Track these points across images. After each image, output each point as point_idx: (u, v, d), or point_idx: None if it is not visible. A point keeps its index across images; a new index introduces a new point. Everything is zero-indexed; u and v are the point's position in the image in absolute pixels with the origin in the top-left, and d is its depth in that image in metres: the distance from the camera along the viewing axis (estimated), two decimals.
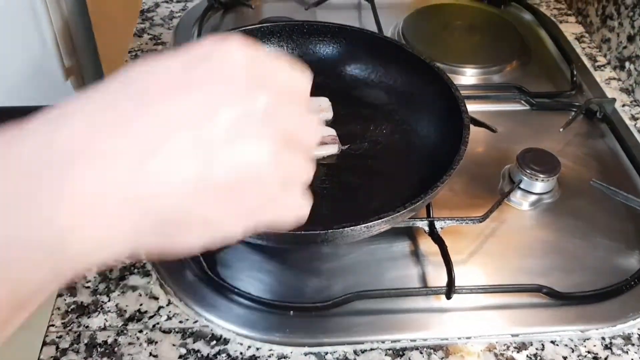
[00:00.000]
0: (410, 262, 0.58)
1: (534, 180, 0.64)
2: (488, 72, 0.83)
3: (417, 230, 0.60)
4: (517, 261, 0.59)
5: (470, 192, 0.65)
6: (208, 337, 0.51)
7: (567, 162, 0.68)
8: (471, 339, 0.52)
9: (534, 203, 0.64)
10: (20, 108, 0.62)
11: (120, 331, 0.51)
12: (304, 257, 0.58)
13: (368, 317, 0.53)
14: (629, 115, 0.78)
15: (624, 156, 0.70)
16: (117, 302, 0.54)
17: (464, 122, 0.57)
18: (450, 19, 0.93)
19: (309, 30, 0.71)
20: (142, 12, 0.94)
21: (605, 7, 0.88)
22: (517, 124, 0.75)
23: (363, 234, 0.51)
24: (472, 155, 0.67)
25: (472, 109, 0.64)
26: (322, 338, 0.52)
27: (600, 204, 0.64)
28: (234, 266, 0.57)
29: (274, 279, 0.56)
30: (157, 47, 0.86)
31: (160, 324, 0.52)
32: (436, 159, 0.59)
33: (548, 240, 0.61)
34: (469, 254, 0.59)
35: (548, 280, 0.56)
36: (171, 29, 0.89)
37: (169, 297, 0.54)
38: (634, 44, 0.80)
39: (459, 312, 0.54)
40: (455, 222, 0.58)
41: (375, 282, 0.56)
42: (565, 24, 0.95)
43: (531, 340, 0.53)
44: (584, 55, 0.88)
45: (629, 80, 0.82)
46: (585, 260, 0.59)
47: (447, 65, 0.81)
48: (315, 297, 0.54)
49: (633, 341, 0.53)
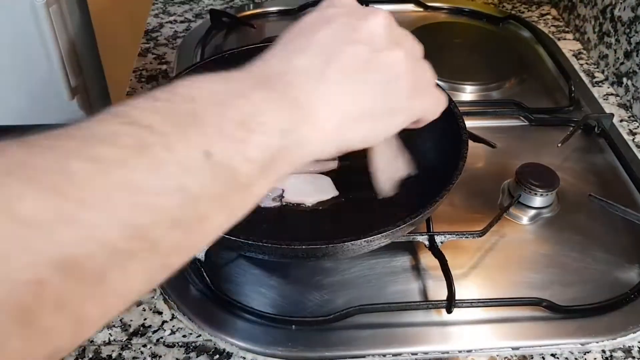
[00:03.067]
0: (410, 276, 0.59)
1: (533, 194, 0.64)
2: (487, 89, 0.84)
3: (417, 244, 0.60)
4: (517, 275, 0.60)
5: (470, 206, 0.66)
6: (211, 351, 0.52)
7: (565, 177, 0.68)
8: (472, 353, 0.53)
9: (533, 217, 0.65)
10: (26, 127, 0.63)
11: (125, 345, 0.52)
12: (306, 271, 0.58)
13: (369, 331, 0.54)
14: (627, 130, 0.79)
15: (622, 171, 0.71)
16: (122, 317, 0.54)
17: (463, 138, 0.58)
18: (449, 37, 0.94)
19: None
20: (146, 32, 0.95)
21: (602, 24, 0.89)
22: (516, 140, 0.76)
23: (363, 248, 0.51)
24: (472, 170, 0.68)
25: (471, 125, 0.65)
26: (324, 352, 0.52)
27: (599, 218, 0.65)
28: (236, 281, 0.57)
29: (276, 294, 0.56)
30: (161, 67, 0.87)
31: (164, 338, 0.53)
32: (436, 175, 0.59)
33: (548, 254, 0.62)
34: (469, 268, 0.60)
35: (548, 294, 0.56)
36: (175, 48, 0.91)
37: (173, 312, 0.55)
38: (630, 60, 0.82)
39: (460, 325, 0.55)
40: (455, 236, 0.59)
41: (376, 296, 0.56)
42: (563, 40, 0.97)
43: (532, 353, 0.53)
44: (581, 72, 0.89)
45: (627, 95, 0.83)
46: (584, 274, 0.60)
47: (446, 82, 0.83)
48: (317, 311, 0.55)
49: (634, 354, 0.53)
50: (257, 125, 0.30)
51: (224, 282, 0.57)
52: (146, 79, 0.85)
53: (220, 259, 0.59)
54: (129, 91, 0.82)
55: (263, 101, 0.31)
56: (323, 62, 0.34)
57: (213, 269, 0.57)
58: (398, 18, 0.39)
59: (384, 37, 0.37)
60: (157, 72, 0.86)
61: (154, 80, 0.85)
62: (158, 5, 1.02)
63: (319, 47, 0.35)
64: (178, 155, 0.26)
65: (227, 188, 0.28)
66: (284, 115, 0.31)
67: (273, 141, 0.30)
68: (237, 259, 0.59)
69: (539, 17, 1.03)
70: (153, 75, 0.86)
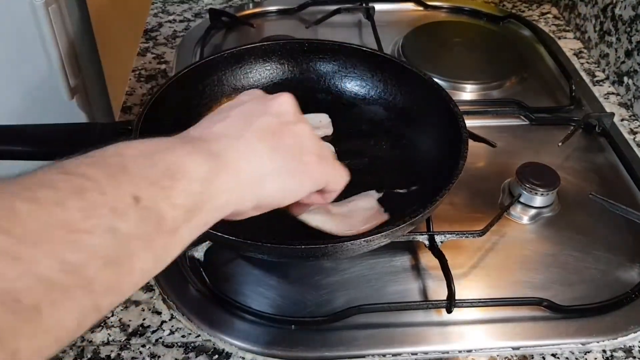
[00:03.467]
0: (410, 276, 0.58)
1: (534, 194, 0.64)
2: (487, 88, 0.84)
3: (417, 244, 0.60)
4: (517, 274, 0.59)
5: (470, 206, 0.66)
6: (210, 351, 0.52)
7: (566, 176, 0.68)
8: (472, 352, 0.53)
9: (533, 217, 0.65)
10: (26, 127, 0.63)
11: (124, 346, 0.52)
12: (305, 271, 0.58)
13: (369, 330, 0.53)
14: (628, 129, 0.78)
15: (623, 170, 0.71)
16: (121, 317, 0.54)
17: (463, 137, 0.58)
18: (449, 36, 0.94)
19: (310, 48, 0.72)
20: (145, 32, 0.95)
21: (603, 23, 0.89)
22: (516, 139, 0.76)
23: (363, 248, 0.51)
24: (472, 169, 0.68)
25: (472, 124, 0.64)
26: (324, 352, 0.52)
27: (600, 217, 0.65)
28: (236, 281, 0.57)
29: (275, 294, 0.56)
30: (160, 66, 0.87)
31: (163, 338, 0.53)
32: (435, 174, 0.59)
33: (548, 254, 0.61)
34: (469, 268, 0.59)
35: (548, 294, 0.56)
36: (174, 48, 0.91)
37: (172, 312, 0.55)
38: (631, 59, 0.81)
39: (460, 325, 0.54)
40: (455, 236, 0.59)
41: (376, 296, 0.56)
42: (563, 39, 0.97)
43: (532, 353, 0.53)
44: (582, 71, 0.89)
45: (628, 94, 0.82)
46: (585, 273, 0.59)
47: (447, 81, 0.82)
48: (317, 311, 0.55)
49: (634, 354, 0.53)
50: (181, 175, 0.33)
51: (223, 282, 0.57)
52: (145, 79, 0.85)
53: (219, 259, 0.59)
54: (128, 91, 0.82)
55: (187, 154, 0.35)
56: (240, 127, 0.40)
57: (212, 269, 0.57)
58: (398, 17, 0.39)
59: (291, 113, 0.43)
60: (156, 71, 0.86)
61: (153, 79, 0.84)
62: (157, 4, 1.02)
63: (236, 117, 0.41)
64: (110, 198, 0.29)
65: (155, 230, 0.31)
66: (204, 166, 0.35)
67: (195, 189, 0.34)
68: (237, 259, 0.59)
69: (539, 16, 1.03)
70: (152, 74, 0.85)
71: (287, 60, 0.72)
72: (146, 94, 0.81)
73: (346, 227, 0.52)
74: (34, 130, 0.63)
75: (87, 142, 0.50)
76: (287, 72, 0.72)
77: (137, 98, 0.81)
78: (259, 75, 0.72)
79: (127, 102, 0.80)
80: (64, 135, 0.62)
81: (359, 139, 0.68)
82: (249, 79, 0.71)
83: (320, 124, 0.68)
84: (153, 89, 0.82)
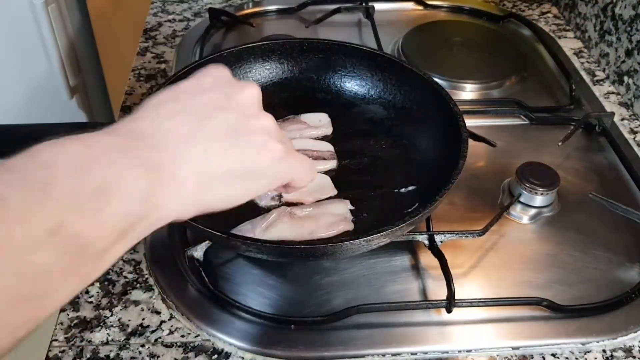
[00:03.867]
0: (410, 276, 0.58)
1: (534, 193, 0.64)
2: (487, 87, 0.84)
3: (417, 244, 0.60)
4: (517, 274, 0.59)
5: (470, 206, 0.66)
6: (209, 351, 0.52)
7: (566, 176, 0.68)
8: (472, 352, 0.53)
9: (533, 216, 0.65)
10: (25, 126, 0.63)
11: (123, 345, 0.52)
12: (305, 271, 0.58)
13: (368, 330, 0.53)
14: (628, 129, 0.78)
15: (623, 169, 0.70)
16: (120, 317, 0.54)
17: (462, 137, 0.58)
18: (449, 36, 0.94)
19: (309, 47, 0.72)
20: (145, 31, 0.95)
21: (603, 22, 0.89)
22: (516, 138, 0.75)
23: (362, 247, 0.51)
24: (472, 169, 0.68)
25: (471, 123, 0.64)
26: (323, 352, 0.52)
27: (600, 217, 0.65)
28: (235, 280, 0.57)
29: (274, 293, 0.56)
30: (160, 66, 0.87)
31: (162, 338, 0.53)
32: (435, 173, 0.59)
33: (548, 254, 0.61)
34: (469, 268, 0.59)
35: (548, 293, 0.56)
36: (174, 47, 0.91)
37: (171, 312, 0.55)
38: (632, 58, 0.81)
39: (460, 325, 0.54)
40: (455, 235, 0.58)
41: (376, 296, 0.56)
42: (563, 39, 0.96)
43: (532, 353, 0.53)
44: (582, 70, 0.89)
45: (628, 94, 0.82)
46: (585, 273, 0.59)
47: (447, 81, 0.82)
48: (316, 311, 0.55)
49: (634, 354, 0.53)
50: (115, 192, 0.30)
51: (223, 281, 0.57)
52: (145, 78, 0.85)
53: (218, 259, 0.58)
54: (128, 90, 0.82)
55: (124, 167, 0.32)
56: (194, 126, 0.37)
57: (211, 269, 0.57)
58: (398, 16, 0.39)
59: (255, 107, 0.41)
60: (155, 71, 0.86)
61: (152, 79, 0.84)
62: (157, 4, 1.02)
63: (192, 112, 0.37)
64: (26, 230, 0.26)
65: (78, 260, 0.29)
66: (143, 182, 0.32)
67: (130, 208, 0.31)
68: (236, 259, 0.59)
69: (539, 16, 1.03)
70: (152, 74, 0.85)
71: (287, 60, 0.72)
72: (146, 94, 0.81)
73: (306, 232, 0.53)
74: (34, 129, 0.62)
75: None
76: (286, 71, 0.72)
77: (136, 97, 0.81)
78: (259, 74, 0.71)
79: (126, 102, 0.80)
80: (63, 135, 0.62)
81: (358, 138, 0.68)
82: (248, 78, 0.71)
83: (319, 124, 0.68)
84: (152, 88, 0.82)
